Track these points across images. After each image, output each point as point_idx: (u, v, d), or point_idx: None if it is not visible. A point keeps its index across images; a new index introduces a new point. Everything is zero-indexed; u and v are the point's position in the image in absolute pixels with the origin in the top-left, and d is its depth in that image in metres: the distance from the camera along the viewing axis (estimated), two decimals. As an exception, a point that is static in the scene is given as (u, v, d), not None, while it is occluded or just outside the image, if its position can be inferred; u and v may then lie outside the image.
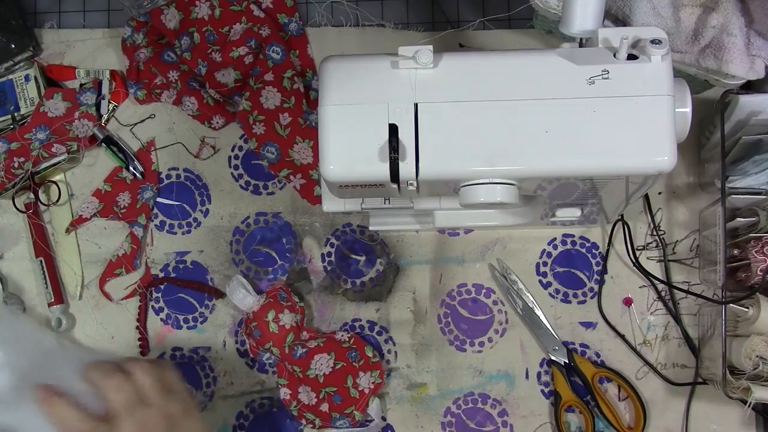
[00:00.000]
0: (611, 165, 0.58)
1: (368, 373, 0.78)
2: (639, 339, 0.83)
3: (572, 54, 0.60)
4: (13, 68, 0.91)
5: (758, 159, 0.76)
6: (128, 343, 0.87)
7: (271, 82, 0.86)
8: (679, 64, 0.76)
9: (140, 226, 0.87)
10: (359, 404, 0.78)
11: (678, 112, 0.60)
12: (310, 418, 0.80)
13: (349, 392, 0.78)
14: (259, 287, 0.86)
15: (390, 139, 0.58)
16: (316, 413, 0.79)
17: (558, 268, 0.85)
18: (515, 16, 0.89)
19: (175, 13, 0.88)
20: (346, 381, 0.78)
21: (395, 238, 0.87)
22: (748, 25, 0.75)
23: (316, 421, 0.80)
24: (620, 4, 0.76)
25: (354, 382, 0.78)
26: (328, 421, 0.79)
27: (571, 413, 0.83)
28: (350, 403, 0.78)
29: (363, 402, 0.78)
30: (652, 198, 0.85)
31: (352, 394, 0.78)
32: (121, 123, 0.91)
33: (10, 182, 0.87)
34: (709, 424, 0.81)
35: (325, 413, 0.78)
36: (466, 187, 0.60)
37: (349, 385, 0.78)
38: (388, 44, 0.89)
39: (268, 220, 0.88)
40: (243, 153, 0.89)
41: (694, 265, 0.84)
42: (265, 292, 0.84)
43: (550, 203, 0.74)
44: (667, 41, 0.58)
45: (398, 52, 0.59)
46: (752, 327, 0.74)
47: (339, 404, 0.78)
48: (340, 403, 0.78)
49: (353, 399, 0.78)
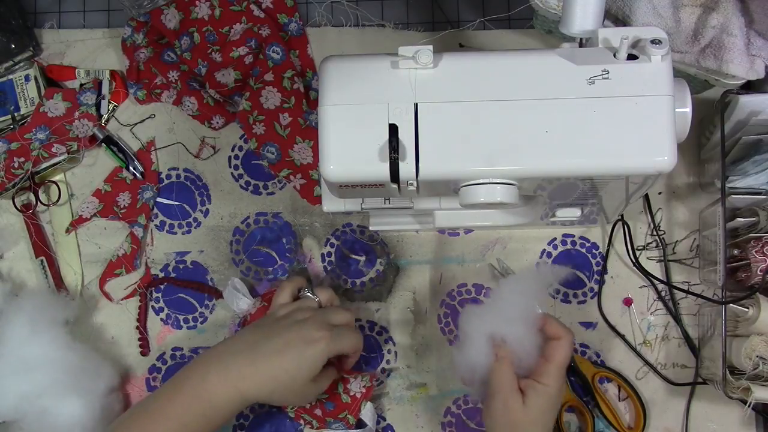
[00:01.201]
0: (611, 165, 0.59)
1: (358, 378, 0.78)
2: (639, 339, 0.83)
3: (572, 54, 0.60)
4: (13, 68, 0.91)
5: (758, 159, 0.76)
6: (128, 343, 0.87)
7: (271, 82, 0.86)
8: (679, 64, 0.76)
9: (140, 226, 0.87)
10: (352, 409, 0.77)
11: (678, 112, 0.60)
12: (307, 419, 0.80)
13: (340, 398, 0.77)
14: (257, 289, 0.86)
15: (390, 139, 0.58)
16: (311, 416, 0.79)
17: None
18: (515, 16, 0.89)
19: (175, 13, 0.88)
20: (337, 387, 0.78)
21: (395, 238, 0.87)
22: (748, 25, 0.75)
23: (313, 422, 0.80)
24: (620, 4, 0.76)
25: (345, 387, 0.78)
26: (323, 423, 0.79)
27: (571, 413, 0.83)
28: (342, 408, 0.77)
29: (355, 406, 0.77)
30: (652, 198, 0.85)
31: (344, 400, 0.77)
32: (121, 123, 0.91)
33: (10, 182, 0.87)
34: (709, 424, 0.81)
35: (320, 417, 0.78)
36: (466, 187, 0.60)
37: (339, 391, 0.77)
38: (388, 44, 0.89)
39: (268, 220, 0.88)
40: (243, 153, 0.89)
41: (694, 265, 0.84)
42: (260, 295, 0.84)
43: (550, 203, 0.74)
44: (667, 41, 0.58)
45: (398, 52, 0.60)
46: (752, 327, 0.74)
47: (332, 410, 0.78)
48: (332, 409, 0.78)
49: (345, 404, 0.77)
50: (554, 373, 0.67)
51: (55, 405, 0.76)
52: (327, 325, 0.72)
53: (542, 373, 0.68)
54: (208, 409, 0.67)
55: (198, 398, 0.67)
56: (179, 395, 0.68)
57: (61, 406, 0.77)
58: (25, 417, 0.77)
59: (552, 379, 0.67)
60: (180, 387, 0.69)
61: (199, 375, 0.68)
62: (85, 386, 0.79)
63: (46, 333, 0.79)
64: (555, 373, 0.67)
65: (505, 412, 0.67)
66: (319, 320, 0.72)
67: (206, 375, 0.68)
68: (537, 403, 0.67)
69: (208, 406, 0.67)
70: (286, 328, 0.71)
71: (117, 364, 0.85)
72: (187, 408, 0.67)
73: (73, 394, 0.77)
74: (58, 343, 0.80)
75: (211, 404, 0.67)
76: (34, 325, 0.79)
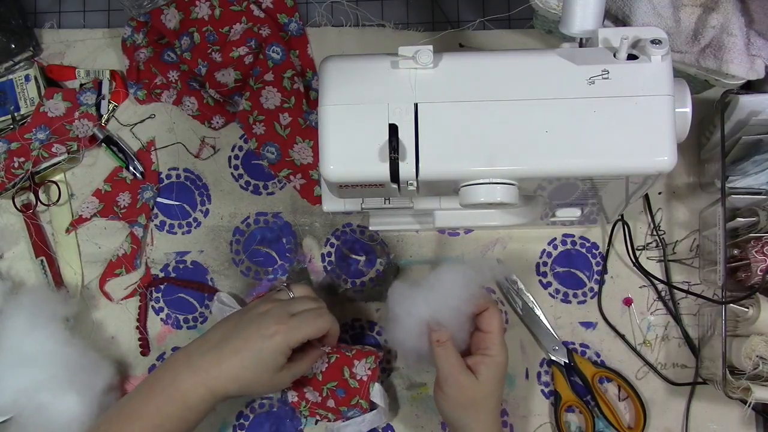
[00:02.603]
0: (611, 165, 0.59)
1: (363, 360, 0.78)
2: (639, 339, 0.83)
3: (572, 54, 0.60)
4: (13, 68, 0.91)
5: (758, 159, 0.76)
6: (128, 343, 0.87)
7: (271, 82, 0.86)
8: (679, 64, 0.76)
9: (140, 226, 0.87)
10: (361, 393, 0.78)
11: (678, 112, 0.60)
12: (323, 413, 0.80)
13: (348, 384, 0.78)
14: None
15: (390, 139, 0.58)
16: (326, 409, 0.79)
17: (558, 268, 0.85)
18: (515, 16, 0.89)
19: (175, 13, 0.88)
20: (343, 373, 0.78)
21: (395, 238, 0.87)
22: (748, 25, 0.75)
23: (328, 415, 0.80)
24: (620, 4, 0.76)
25: (351, 372, 0.78)
26: (339, 414, 0.79)
27: (571, 413, 0.83)
28: (353, 393, 0.78)
29: (364, 390, 0.78)
30: (652, 198, 0.85)
31: (352, 385, 0.78)
32: (121, 123, 0.91)
33: (10, 182, 0.87)
34: (709, 424, 0.81)
35: (334, 408, 0.79)
36: (466, 187, 0.60)
37: (347, 377, 0.78)
38: (388, 44, 0.89)
39: (268, 220, 0.88)
40: (243, 153, 0.89)
41: (694, 265, 0.84)
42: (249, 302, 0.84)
43: (550, 203, 0.74)
44: (667, 41, 0.58)
45: (398, 52, 0.60)
46: (752, 327, 0.74)
47: (343, 397, 0.78)
48: (344, 396, 0.78)
49: (354, 390, 0.78)
50: (498, 341, 0.71)
51: (52, 400, 0.77)
52: (286, 317, 0.71)
53: (487, 346, 0.70)
54: (181, 410, 0.68)
55: (171, 399, 0.68)
56: (153, 397, 0.69)
57: (58, 401, 0.77)
58: (23, 412, 0.77)
59: (497, 348, 0.70)
60: (153, 388, 0.70)
61: (170, 376, 0.69)
62: (84, 382, 0.79)
63: (45, 328, 0.80)
64: (499, 341, 0.71)
65: (460, 392, 0.69)
66: (277, 312, 0.71)
67: (177, 376, 0.69)
68: (490, 376, 0.70)
69: (182, 406, 0.68)
70: (246, 324, 0.71)
71: (117, 364, 0.85)
72: (161, 408, 0.68)
73: (71, 390, 0.77)
74: (56, 338, 0.80)
75: (184, 404, 0.68)
76: (33, 321, 0.79)
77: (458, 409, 0.70)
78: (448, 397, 0.70)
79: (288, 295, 0.76)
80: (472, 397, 0.70)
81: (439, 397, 0.71)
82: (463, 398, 0.70)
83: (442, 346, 0.70)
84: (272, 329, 0.70)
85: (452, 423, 0.72)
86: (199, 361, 0.69)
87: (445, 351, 0.70)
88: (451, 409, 0.71)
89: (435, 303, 0.71)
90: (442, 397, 0.71)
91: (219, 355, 0.69)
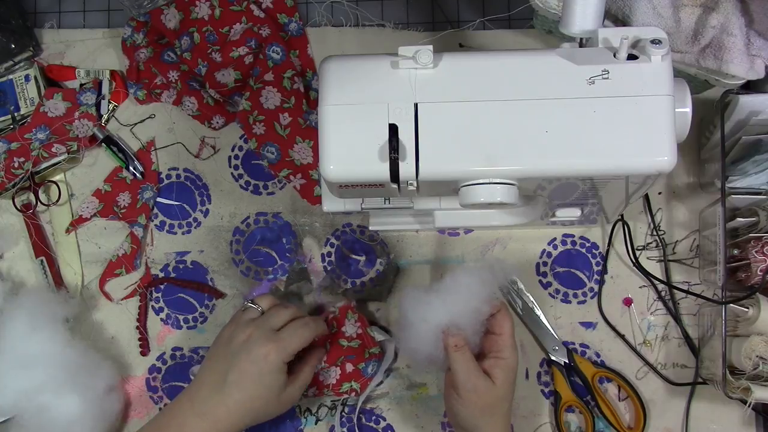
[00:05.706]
0: (611, 165, 0.58)
1: (345, 320, 0.80)
2: (639, 339, 0.83)
3: (572, 54, 0.60)
4: (13, 68, 0.91)
5: (758, 159, 0.76)
6: (128, 342, 0.87)
7: (271, 82, 0.86)
8: (679, 64, 0.76)
9: (140, 226, 0.87)
10: (367, 343, 0.80)
11: (678, 112, 0.60)
12: (351, 387, 0.80)
13: (352, 348, 0.80)
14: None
15: (390, 139, 0.58)
16: (348, 379, 0.80)
17: (558, 268, 0.85)
18: (515, 16, 0.89)
19: (175, 13, 0.88)
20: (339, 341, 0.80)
21: (395, 238, 0.87)
22: (748, 25, 0.75)
23: (354, 385, 0.81)
24: (620, 4, 0.76)
25: (345, 336, 0.80)
26: (361, 376, 0.80)
27: (571, 413, 0.83)
28: (361, 350, 0.80)
29: (367, 339, 0.80)
30: (652, 198, 0.85)
31: (354, 345, 0.80)
32: (121, 123, 0.91)
33: (10, 182, 0.87)
34: (709, 424, 0.81)
35: (356, 373, 0.80)
36: (466, 187, 0.60)
37: (344, 344, 0.80)
38: (388, 44, 0.89)
39: (268, 220, 0.88)
40: (243, 153, 0.89)
41: (694, 265, 0.84)
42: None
43: (550, 203, 0.74)
44: (667, 41, 0.58)
45: (398, 52, 0.60)
46: (752, 327, 0.74)
47: (356, 358, 0.79)
48: (356, 357, 0.80)
49: (360, 347, 0.80)
50: (510, 344, 0.71)
51: (53, 401, 0.77)
52: (270, 334, 0.71)
53: (500, 348, 0.70)
54: None
55: None
56: None
57: (59, 402, 0.77)
58: (24, 413, 0.77)
59: (510, 351, 0.70)
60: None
61: (177, 425, 0.69)
62: (84, 383, 0.79)
63: (45, 329, 0.80)
64: (511, 344, 0.71)
65: (478, 396, 0.69)
66: (259, 334, 0.71)
67: (183, 425, 0.69)
68: (505, 379, 0.69)
69: None
70: (236, 357, 0.70)
71: (117, 364, 0.85)
72: None
73: (71, 391, 0.77)
74: (57, 339, 0.80)
75: None
76: (34, 322, 0.79)
77: (476, 413, 0.69)
78: (466, 402, 0.69)
79: (256, 312, 0.75)
80: (489, 401, 0.69)
81: (456, 401, 0.70)
82: (481, 402, 0.69)
83: (459, 351, 0.69)
84: (263, 351, 0.69)
85: (467, 427, 0.71)
86: (203, 406, 0.69)
87: (463, 356, 0.69)
88: (468, 414, 0.70)
89: (454, 306, 0.70)
90: (459, 402, 0.70)
91: (222, 395, 0.69)
